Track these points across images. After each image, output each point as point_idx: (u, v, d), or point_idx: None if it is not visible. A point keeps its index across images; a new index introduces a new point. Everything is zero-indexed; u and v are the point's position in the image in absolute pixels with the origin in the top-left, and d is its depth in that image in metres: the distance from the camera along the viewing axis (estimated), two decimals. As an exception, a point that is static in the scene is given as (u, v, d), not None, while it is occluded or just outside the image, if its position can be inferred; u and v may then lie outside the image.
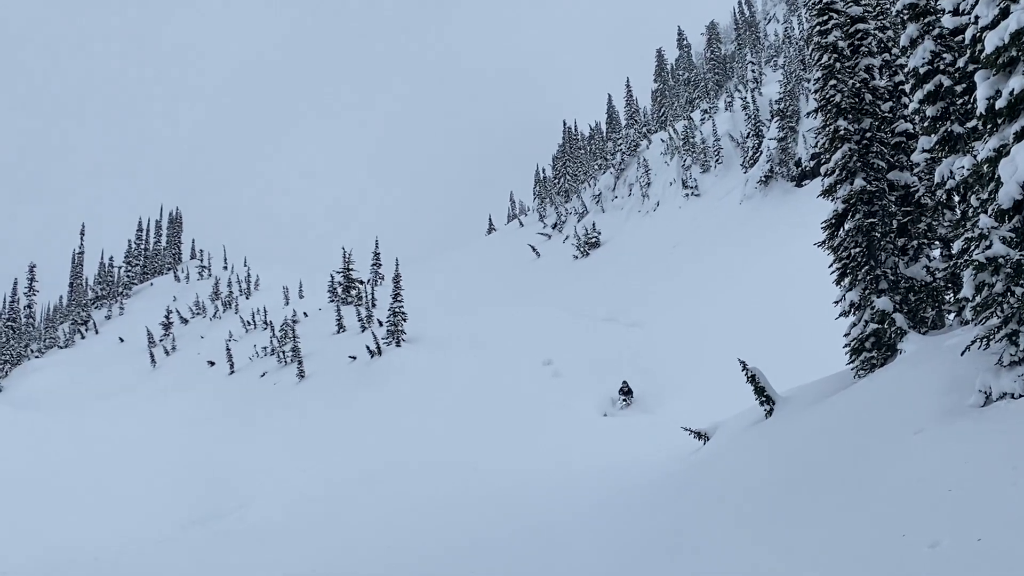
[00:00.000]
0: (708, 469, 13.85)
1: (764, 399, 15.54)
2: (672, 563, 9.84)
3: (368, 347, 37.53)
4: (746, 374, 15.75)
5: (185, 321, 64.58)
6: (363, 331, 42.42)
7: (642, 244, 48.37)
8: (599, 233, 54.29)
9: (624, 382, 26.21)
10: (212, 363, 49.37)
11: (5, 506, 22.68)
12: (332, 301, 53.58)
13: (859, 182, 14.13)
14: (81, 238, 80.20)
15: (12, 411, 35.93)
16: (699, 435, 17.51)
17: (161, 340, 60.14)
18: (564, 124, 78.23)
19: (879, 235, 13.97)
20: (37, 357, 68.21)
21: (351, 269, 54.60)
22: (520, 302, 42.87)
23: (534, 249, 58.83)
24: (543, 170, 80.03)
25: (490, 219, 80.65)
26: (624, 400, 26.48)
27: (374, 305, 47.05)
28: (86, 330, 71.23)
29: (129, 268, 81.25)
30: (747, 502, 10.67)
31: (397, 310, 38.41)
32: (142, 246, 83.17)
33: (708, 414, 18.30)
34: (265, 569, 16.56)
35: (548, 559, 12.28)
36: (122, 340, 64.27)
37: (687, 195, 51.34)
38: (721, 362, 20.64)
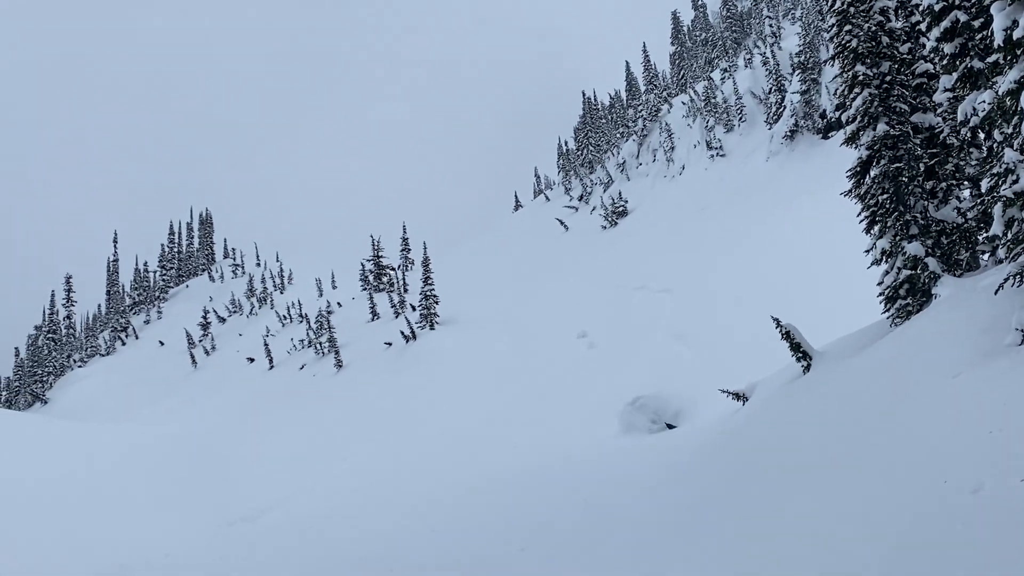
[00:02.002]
0: (748, 430, 13.73)
1: (800, 355, 15.38)
2: (719, 519, 9.79)
3: (403, 332, 37.65)
4: (781, 331, 15.59)
5: (223, 320, 65.13)
6: (397, 317, 42.57)
7: (669, 209, 48.01)
8: (625, 201, 53.97)
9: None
10: (252, 359, 49.80)
11: (50, 516, 22.99)
12: (364, 289, 53.83)
13: (882, 127, 13.87)
14: (114, 245, 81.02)
15: (58, 421, 36.43)
16: (737, 396, 17.37)
17: (200, 341, 60.71)
18: (583, 95, 77.72)
19: (906, 179, 13.71)
20: (80, 366, 69.13)
21: (381, 256, 54.77)
22: (551, 276, 42.74)
23: (562, 223, 58.63)
24: (565, 143, 79.63)
25: (516, 196, 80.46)
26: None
27: (406, 290, 47.18)
28: (126, 336, 72.07)
29: (164, 272, 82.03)
30: (788, 457, 10.57)
31: (429, 293, 38.47)
32: (175, 249, 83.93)
33: (745, 374, 18.14)
34: (315, 556, 16.65)
35: (598, 534, 12.27)
36: (162, 344, 64.96)
37: (712, 156, 50.87)
38: (756, 321, 20.43)
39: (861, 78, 14.13)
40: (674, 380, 23.21)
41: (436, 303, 38.55)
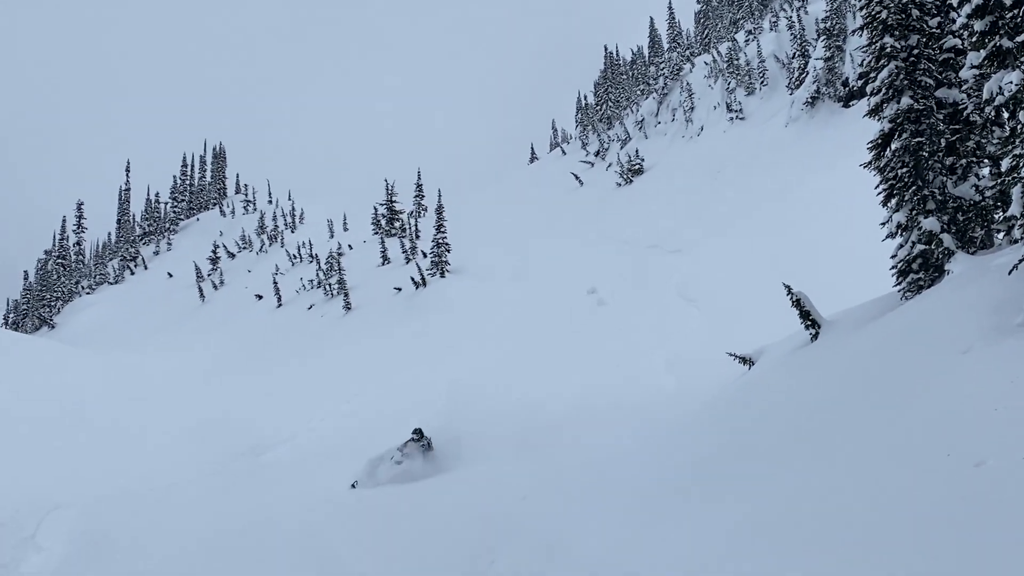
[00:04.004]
0: (752, 393, 13.85)
1: (809, 323, 15.46)
2: (720, 480, 9.94)
3: (413, 278, 37.81)
4: (791, 298, 15.65)
5: (232, 255, 65.30)
6: (407, 263, 42.71)
7: (686, 169, 47.88)
8: (642, 160, 53.80)
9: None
10: (260, 296, 50.04)
11: (54, 440, 23.34)
12: (376, 233, 53.94)
13: (906, 100, 13.83)
14: (127, 175, 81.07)
15: (64, 347, 36.76)
16: (744, 360, 17.48)
17: (209, 275, 60.97)
18: (606, 49, 77.14)
19: (926, 154, 13.69)
20: (88, 293, 69.51)
21: (394, 201, 54.79)
22: (563, 231, 42.79)
23: (577, 177, 58.50)
24: (585, 97, 79.19)
25: (532, 148, 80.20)
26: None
27: (418, 237, 47.27)
28: (135, 266, 72.35)
29: (175, 204, 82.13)
30: (791, 423, 10.69)
31: (441, 241, 38.58)
32: (187, 181, 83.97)
33: (753, 339, 18.24)
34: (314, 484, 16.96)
35: (598, 484, 12.42)
36: (171, 275, 65.22)
37: (731, 119, 50.59)
38: (766, 287, 20.49)
39: (888, 50, 14.04)
40: (682, 340, 23.35)
41: (448, 251, 38.68)
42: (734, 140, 47.78)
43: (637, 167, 53.29)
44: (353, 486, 16.77)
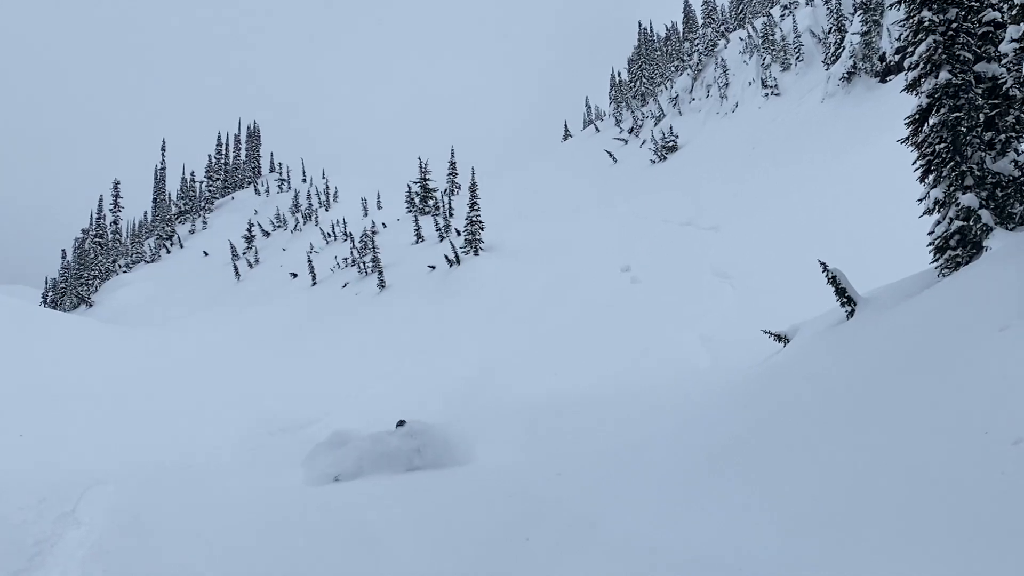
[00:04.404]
0: (788, 370, 13.77)
1: (845, 300, 15.34)
2: (756, 458, 9.91)
3: (447, 256, 37.88)
4: (827, 275, 15.54)
5: (267, 234, 65.71)
6: (441, 241, 42.78)
7: (720, 146, 47.53)
8: (676, 136, 53.45)
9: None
10: (295, 275, 50.36)
11: (93, 417, 23.67)
12: (410, 211, 54.05)
13: (944, 75, 13.63)
14: (162, 154, 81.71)
15: (102, 325, 37.21)
16: (779, 337, 17.40)
17: (244, 253, 61.41)
18: (639, 25, 76.58)
19: (965, 129, 13.51)
20: (125, 272, 70.25)
21: (428, 179, 54.85)
22: (597, 208, 42.67)
23: (611, 155, 58.25)
24: (619, 74, 78.73)
25: (566, 125, 79.86)
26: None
27: (451, 215, 47.33)
28: (171, 245, 72.97)
29: (210, 183, 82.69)
30: (826, 401, 10.63)
31: (474, 219, 38.59)
32: (222, 160, 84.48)
33: (788, 317, 18.14)
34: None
35: (632, 459, 12.45)
36: (206, 254, 65.75)
37: (766, 95, 50.09)
38: (802, 264, 20.35)
39: (926, 24, 13.84)
40: (716, 318, 23.26)
41: (481, 229, 38.69)
42: (769, 116, 47.32)
43: (671, 144, 52.95)
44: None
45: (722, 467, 10.37)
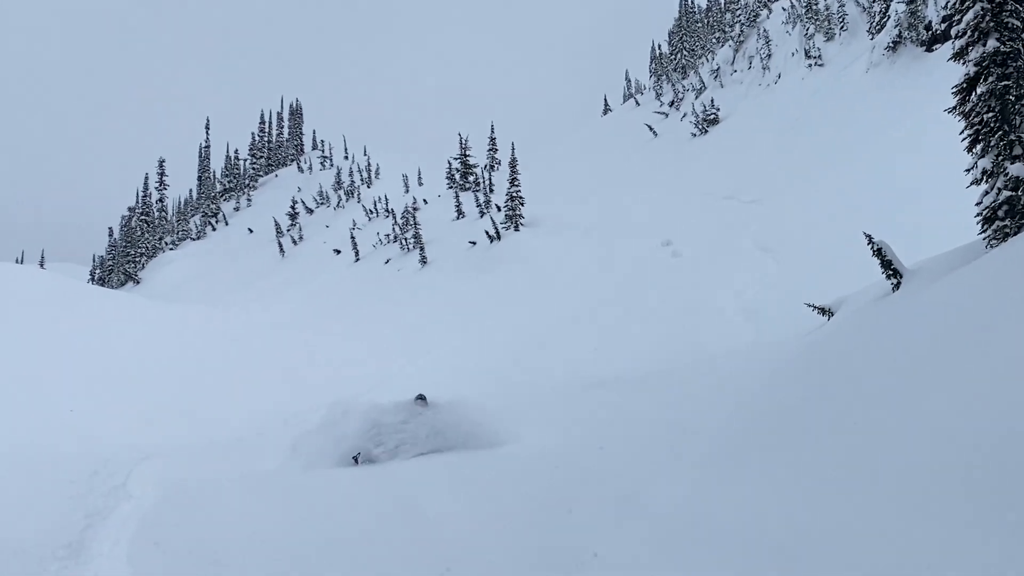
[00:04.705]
0: (832, 344, 13.66)
1: (891, 272, 15.19)
2: (799, 434, 9.87)
3: (487, 232, 37.92)
4: (872, 247, 15.38)
5: (310, 211, 66.16)
6: (481, 216, 42.84)
7: (762, 119, 47.00)
8: (717, 109, 52.92)
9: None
10: (338, 251, 50.72)
11: (142, 392, 24.06)
12: (450, 188, 54.15)
13: (992, 43, 13.37)
14: (207, 132, 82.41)
15: (149, 302, 37.71)
16: (823, 311, 17.27)
17: (288, 230, 61.91)
18: (680, -3, 75.72)
19: (1013, 98, 13.26)
20: (171, 249, 71.11)
21: (468, 155, 54.84)
22: (637, 182, 42.43)
23: (651, 128, 57.83)
24: (659, 47, 78.05)
25: (605, 100, 79.36)
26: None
27: (492, 190, 47.34)
28: (216, 222, 73.74)
29: (254, 160, 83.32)
30: (871, 375, 10.54)
31: (515, 195, 38.57)
32: (265, 138, 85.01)
33: (832, 290, 17.99)
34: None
35: (679, 437, 12.43)
36: (251, 231, 66.36)
37: (810, 66, 49.39)
38: (846, 237, 20.13)
39: (975, -10, 13.59)
40: (759, 292, 23.11)
41: (522, 204, 38.68)
42: (812, 87, 46.67)
43: (712, 117, 52.44)
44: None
45: (765, 441, 10.33)
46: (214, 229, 72.91)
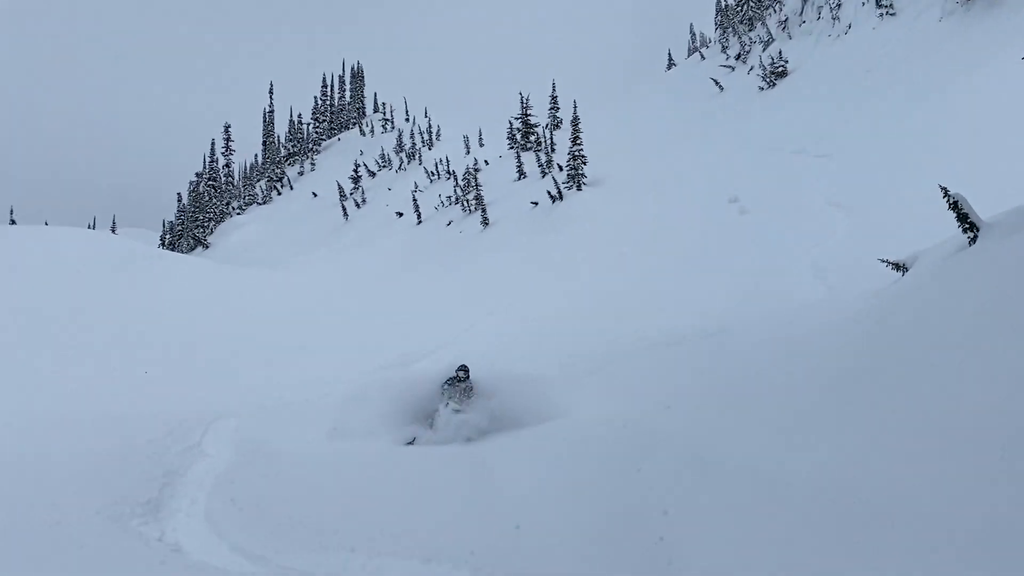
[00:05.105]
0: (907, 299, 13.33)
1: (968, 226, 14.72)
2: (871, 392, 9.66)
3: (549, 192, 37.75)
4: (947, 201, 14.92)
5: (372, 174, 66.52)
6: (543, 176, 42.66)
7: (832, 71, 45.89)
8: (786, 62, 51.80)
9: None
10: (400, 214, 50.97)
11: (215, 354, 24.50)
12: (511, 148, 53.97)
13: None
14: (270, 97, 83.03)
15: (219, 265, 38.30)
16: (897, 266, 16.85)
17: (351, 193, 62.33)
18: (746, -53, 73.99)
19: (1102, 42, 12.71)
20: (238, 214, 72.12)
21: (529, 114, 54.53)
22: (703, 138, 41.81)
23: (716, 83, 56.88)
24: (724, -1, 76.49)
25: (669, 54, 78.21)
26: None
27: (553, 150, 47.07)
28: (281, 186, 74.50)
29: (317, 124, 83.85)
30: (948, 331, 10.27)
31: (577, 154, 38.27)
32: (327, 102, 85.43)
33: (906, 245, 17.55)
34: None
35: (747, 393, 12.28)
36: (315, 195, 66.97)
37: (881, 15, 48.02)
38: (919, 191, 19.63)
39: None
40: (830, 248, 22.66)
41: (584, 163, 38.37)
42: (884, 38, 45.39)
43: (780, 70, 51.33)
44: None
45: (838, 398, 10.13)
46: (279, 193, 73.68)
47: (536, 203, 38.37)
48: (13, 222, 55.55)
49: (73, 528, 10.49)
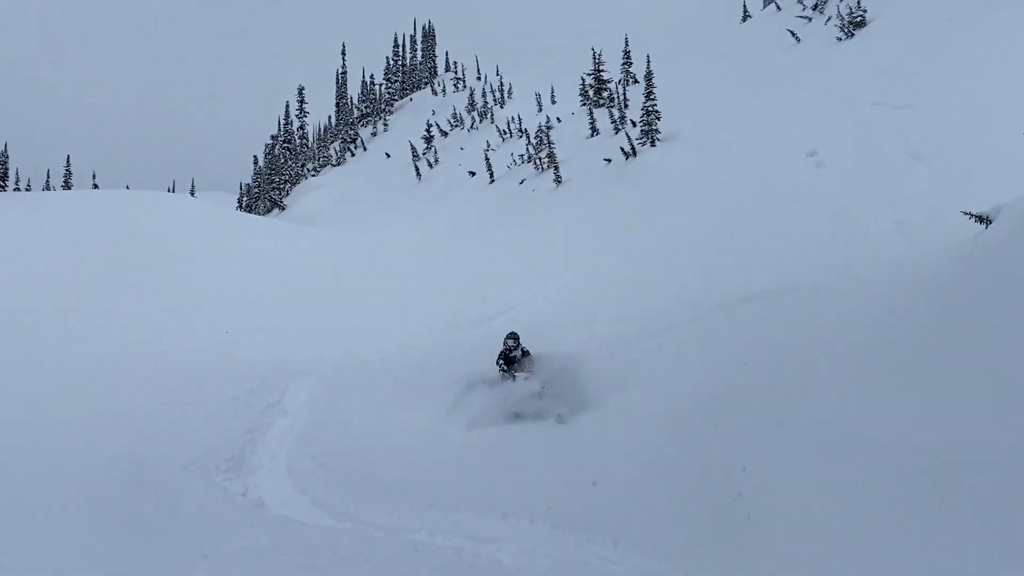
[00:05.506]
0: (992, 253, 12.99)
1: (1055, 177, 14.30)
2: (954, 350, 9.48)
3: (622, 148, 37.42)
4: (1034, 151, 14.49)
5: (444, 134, 66.59)
6: (616, 133, 42.25)
7: (913, 19, 44.46)
8: (864, 11, 50.30)
9: None
10: (473, 173, 51.00)
11: (293, 314, 24.94)
12: (584, 104, 53.53)
13: None
14: (343, 58, 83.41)
15: (296, 227, 38.85)
16: (980, 219, 16.41)
17: (424, 153, 62.50)
18: None
19: None
20: (313, 175, 72.92)
21: (601, 70, 53.96)
22: (779, 91, 40.92)
23: (792, 34, 55.53)
24: (800, -53, 74.47)
25: (744, 6, 76.49)
26: None
27: (626, 106, 46.55)
28: (355, 148, 75.00)
29: (389, 85, 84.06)
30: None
31: (650, 109, 37.81)
32: (399, 62, 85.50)
33: (990, 197, 17.07)
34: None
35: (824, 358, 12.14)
36: (388, 155, 67.31)
37: (965, -40, 46.33)
38: (1004, 141, 19.05)
39: None
40: (911, 201, 22.15)
41: (658, 119, 37.91)
42: (969, -17, 43.84)
43: (859, 19, 49.86)
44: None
45: (917, 355, 9.96)
46: (353, 155, 74.24)
47: (609, 160, 38.05)
48: (95, 186, 56.89)
49: (160, 483, 10.85)
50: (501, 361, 15.33)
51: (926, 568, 6.78)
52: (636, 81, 53.68)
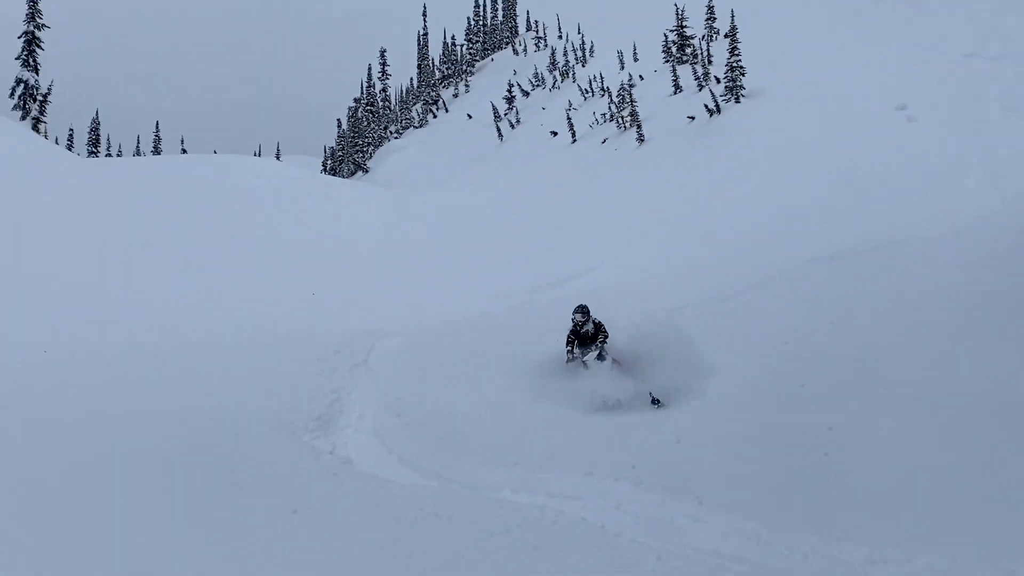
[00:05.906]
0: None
1: None
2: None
3: (706, 106, 36.90)
4: None
5: (526, 94, 66.33)
6: (700, 90, 41.67)
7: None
8: (958, -42, 48.55)
9: None
10: (555, 133, 50.77)
11: (378, 277, 25.27)
12: (667, 62, 52.85)
13: None
14: (424, 19, 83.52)
15: (381, 190, 39.25)
16: (1080, 173, 15.88)
17: (505, 114, 62.36)
18: None
19: None
20: (396, 138, 73.37)
21: (684, 26, 53.17)
22: (867, 43, 39.81)
23: (882, -16, 53.88)
24: None
25: (831, -44, 74.35)
26: None
27: (710, 62, 45.84)
28: (437, 109, 75.15)
29: (470, 45, 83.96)
30: None
31: (735, 65, 37.15)
32: (480, 22, 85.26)
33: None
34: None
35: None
36: (470, 117, 67.34)
37: (1067, -99, 44.25)
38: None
39: None
40: (1006, 154, 21.45)
41: (742, 75, 37.25)
42: (1070, -74, 41.91)
43: (953, -33, 48.19)
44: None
45: (1014, 308, 9.75)
46: (435, 116, 74.52)
47: (693, 117, 37.57)
48: (184, 151, 58.22)
49: (251, 442, 11.17)
50: (572, 339, 13.76)
51: (1017, 526, 6.68)
52: (719, 37, 52.70)
